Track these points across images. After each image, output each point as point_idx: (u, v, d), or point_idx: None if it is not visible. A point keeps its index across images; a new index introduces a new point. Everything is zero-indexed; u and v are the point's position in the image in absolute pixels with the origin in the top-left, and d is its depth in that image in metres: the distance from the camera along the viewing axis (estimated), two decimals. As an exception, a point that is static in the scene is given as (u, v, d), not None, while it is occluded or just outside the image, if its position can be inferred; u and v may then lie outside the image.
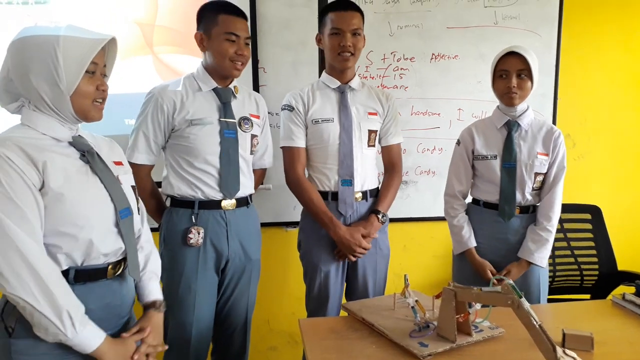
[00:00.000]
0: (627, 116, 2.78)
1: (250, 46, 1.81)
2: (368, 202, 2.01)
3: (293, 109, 1.96)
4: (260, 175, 2.08)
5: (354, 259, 1.95)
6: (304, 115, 1.97)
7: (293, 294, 2.63)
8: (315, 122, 1.95)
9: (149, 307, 1.37)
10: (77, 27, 1.20)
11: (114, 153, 1.38)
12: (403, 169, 2.12)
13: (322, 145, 1.96)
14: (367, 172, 2.00)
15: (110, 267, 1.25)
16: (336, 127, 1.95)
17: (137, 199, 1.37)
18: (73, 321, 1.11)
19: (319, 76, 2.42)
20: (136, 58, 2.28)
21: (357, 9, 1.92)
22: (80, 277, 1.19)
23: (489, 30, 2.53)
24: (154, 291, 1.40)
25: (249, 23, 2.27)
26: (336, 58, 1.92)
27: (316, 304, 2.02)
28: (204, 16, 1.77)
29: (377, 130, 2.03)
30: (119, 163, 1.36)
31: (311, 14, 2.39)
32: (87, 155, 1.23)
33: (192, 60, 2.32)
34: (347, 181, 1.95)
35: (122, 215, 1.25)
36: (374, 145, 2.03)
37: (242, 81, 2.26)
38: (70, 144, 1.22)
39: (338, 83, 1.99)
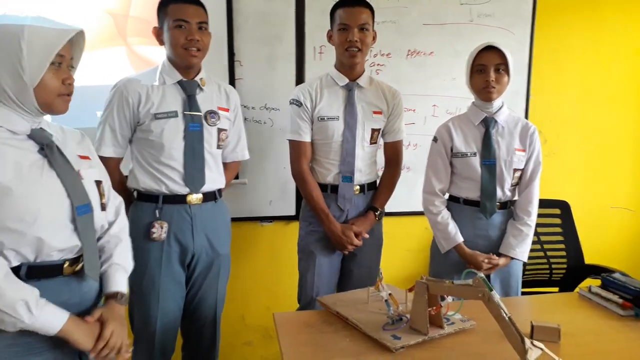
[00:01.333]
0: (597, 114, 2.86)
1: (207, 31, 1.77)
2: (366, 195, 2.07)
3: (301, 104, 1.99)
4: (233, 168, 2.07)
5: (346, 253, 2.03)
6: (310, 112, 2.00)
7: (268, 288, 2.63)
8: (321, 119, 1.99)
9: (109, 298, 1.33)
10: (45, 19, 1.18)
11: (81, 147, 1.35)
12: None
13: (326, 142, 2.01)
14: (367, 168, 2.06)
15: (67, 263, 1.22)
16: (341, 125, 1.99)
17: (102, 194, 1.33)
18: (29, 306, 1.09)
19: (296, 72, 2.43)
20: (109, 49, 2.23)
21: (366, 5, 1.94)
22: (33, 273, 1.17)
23: (465, 28, 2.56)
24: (117, 283, 1.35)
25: (223, 18, 2.27)
26: (344, 54, 1.94)
27: (309, 293, 2.04)
28: (159, 10, 1.76)
29: (380, 129, 2.07)
30: (85, 157, 1.33)
31: (287, 8, 2.38)
32: (46, 148, 1.20)
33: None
34: (348, 177, 2.01)
35: (80, 212, 1.22)
36: (376, 143, 2.08)
37: (217, 74, 2.24)
38: (29, 136, 1.19)
39: (346, 80, 2.00)
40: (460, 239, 1.94)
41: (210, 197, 1.84)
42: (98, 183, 1.33)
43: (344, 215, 2.04)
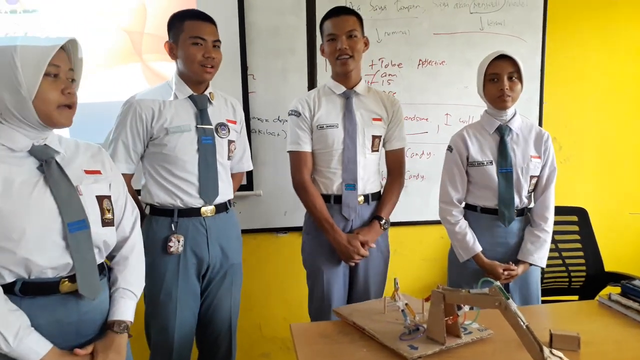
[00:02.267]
0: (611, 119, 2.83)
1: (220, 49, 1.81)
2: (370, 206, 2.04)
3: (300, 114, 1.99)
4: (239, 179, 2.10)
5: (352, 264, 1.99)
6: (310, 121, 2.00)
7: (285, 299, 2.63)
8: (321, 127, 1.98)
9: (109, 327, 1.30)
10: (35, 37, 1.21)
11: (94, 160, 1.34)
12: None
13: (326, 150, 1.99)
14: (370, 177, 2.03)
15: (65, 281, 1.20)
16: (340, 132, 1.98)
17: (104, 210, 1.29)
18: (5, 336, 1.09)
19: (308, 84, 2.46)
20: (125, 66, 2.29)
21: (352, 12, 1.96)
22: (27, 290, 1.16)
23: (475, 36, 2.57)
24: (119, 311, 1.31)
25: (236, 32, 2.31)
26: (335, 62, 1.95)
27: (318, 307, 2.04)
28: (172, 25, 1.79)
29: (381, 136, 2.05)
30: (94, 172, 1.31)
31: (299, 22, 2.42)
32: (44, 165, 1.20)
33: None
34: (351, 185, 1.98)
35: (73, 229, 1.19)
36: (377, 150, 2.06)
37: (231, 88, 2.28)
38: (30, 153, 1.20)
39: (343, 88, 2.01)
40: (478, 248, 1.93)
41: (222, 208, 1.87)
42: (101, 198, 1.29)
43: (349, 226, 2.01)
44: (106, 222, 1.30)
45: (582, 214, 2.51)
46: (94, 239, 1.25)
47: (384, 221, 2.02)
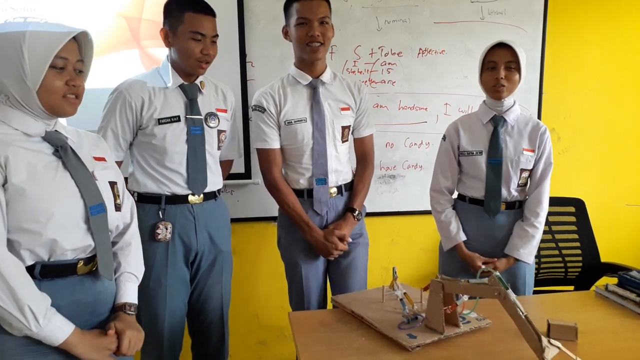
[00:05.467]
0: (611, 110, 2.82)
1: (216, 44, 1.77)
2: (344, 197, 2.00)
3: (264, 110, 1.91)
4: (227, 166, 2.08)
5: (332, 258, 1.97)
6: (276, 116, 1.92)
7: (282, 288, 2.61)
8: (289, 123, 1.91)
9: (119, 309, 1.34)
10: (47, 23, 1.20)
11: (97, 149, 1.37)
12: (391, 163, 2.12)
13: (296, 146, 1.93)
14: (342, 168, 1.99)
15: (82, 263, 1.24)
16: (309, 126, 1.91)
17: (116, 195, 1.34)
18: (36, 315, 1.11)
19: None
20: (123, 52, 2.26)
21: None
22: (47, 272, 1.19)
23: (476, 26, 2.55)
24: (127, 294, 1.37)
25: (235, 19, 2.27)
26: (305, 49, 1.86)
27: (298, 300, 2.03)
28: (170, 12, 1.74)
29: (350, 125, 2.00)
30: (100, 159, 1.35)
31: (299, 9, 2.39)
32: (60, 150, 1.22)
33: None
34: (322, 180, 1.93)
35: (94, 212, 1.23)
36: (347, 140, 2.01)
37: (229, 75, 2.26)
38: (44, 139, 1.21)
39: (309, 78, 1.92)
40: (461, 238, 1.94)
41: (210, 196, 1.86)
42: (112, 184, 1.34)
43: (324, 220, 1.97)
44: (117, 207, 1.35)
45: (579, 205, 2.51)
46: (110, 223, 1.31)
47: (357, 212, 1.98)
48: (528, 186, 1.96)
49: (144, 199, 1.79)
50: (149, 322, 1.80)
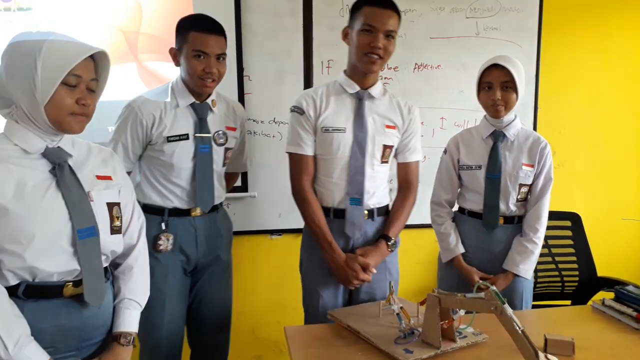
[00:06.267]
0: (605, 125, 2.85)
1: (224, 61, 1.77)
2: (375, 222, 1.82)
3: (303, 112, 1.76)
4: (232, 179, 2.10)
5: (351, 288, 1.78)
6: (314, 121, 1.76)
7: (278, 302, 2.62)
8: (326, 130, 1.75)
9: (114, 339, 1.28)
10: (66, 37, 1.16)
11: (105, 166, 1.32)
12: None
13: (329, 157, 1.77)
14: (377, 190, 1.81)
15: (69, 285, 1.18)
16: (348, 138, 1.75)
17: (114, 217, 1.28)
18: (5, 343, 1.08)
19: (304, 86, 2.44)
20: (120, 65, 2.27)
21: (397, 9, 1.70)
22: (31, 293, 1.14)
23: (471, 41, 2.58)
24: (126, 322, 1.30)
25: (232, 33, 2.29)
26: (362, 58, 1.70)
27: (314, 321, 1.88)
28: (179, 32, 1.76)
29: (392, 146, 1.82)
30: (105, 177, 1.30)
31: (296, 24, 2.42)
32: (57, 168, 1.18)
33: (177, 68, 2.31)
34: (357, 200, 1.76)
35: (82, 235, 1.17)
36: (387, 162, 1.83)
37: (227, 89, 2.26)
38: (43, 155, 1.18)
39: (357, 88, 1.77)
40: (459, 250, 1.94)
41: (212, 208, 1.87)
42: (111, 205, 1.28)
43: (350, 244, 1.79)
44: (115, 230, 1.29)
45: (575, 219, 2.52)
46: (102, 247, 1.24)
47: (392, 241, 1.79)
48: (528, 201, 1.94)
49: (147, 210, 1.78)
50: (149, 328, 1.80)
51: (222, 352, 1.99)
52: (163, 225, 1.77)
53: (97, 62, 1.22)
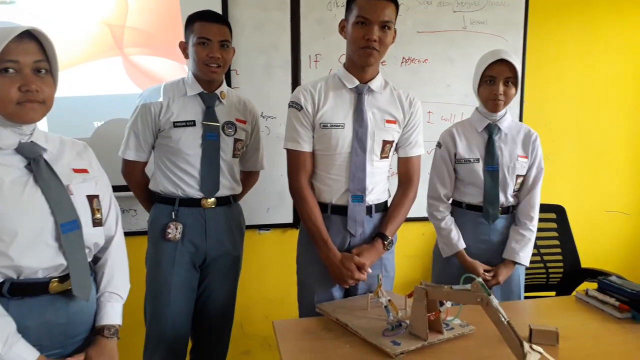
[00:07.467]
0: (591, 118, 2.88)
1: (229, 48, 1.85)
2: (373, 219, 1.79)
3: (301, 107, 1.72)
4: (249, 177, 2.15)
5: (346, 287, 1.76)
6: (312, 117, 1.73)
7: (266, 297, 2.62)
8: (324, 126, 1.72)
9: (98, 332, 1.27)
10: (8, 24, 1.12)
11: (80, 159, 1.30)
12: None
13: (328, 153, 1.74)
14: (375, 186, 1.78)
15: (55, 281, 1.17)
16: (347, 134, 1.71)
17: (95, 210, 1.26)
18: None
19: (292, 80, 2.44)
20: (106, 60, 2.24)
21: None
22: (16, 290, 1.13)
23: (458, 35, 2.59)
24: (108, 315, 1.29)
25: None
26: (357, 51, 1.66)
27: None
28: (186, 26, 1.84)
29: (393, 141, 1.79)
30: (81, 170, 1.28)
31: (284, 18, 2.41)
32: (32, 163, 1.15)
33: (163, 62, 2.30)
34: (358, 197, 1.73)
35: (65, 229, 1.16)
36: (387, 157, 1.80)
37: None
38: (17, 151, 1.15)
39: (356, 82, 1.73)
40: (462, 245, 1.95)
41: (224, 201, 1.91)
42: (91, 198, 1.27)
43: (347, 241, 1.76)
44: (96, 222, 1.28)
45: (560, 212, 2.55)
46: (86, 240, 1.23)
47: (388, 240, 1.76)
48: (520, 191, 1.99)
49: (160, 199, 1.87)
50: (154, 319, 1.85)
51: (222, 347, 2.02)
52: (173, 215, 1.83)
53: (42, 40, 1.14)
